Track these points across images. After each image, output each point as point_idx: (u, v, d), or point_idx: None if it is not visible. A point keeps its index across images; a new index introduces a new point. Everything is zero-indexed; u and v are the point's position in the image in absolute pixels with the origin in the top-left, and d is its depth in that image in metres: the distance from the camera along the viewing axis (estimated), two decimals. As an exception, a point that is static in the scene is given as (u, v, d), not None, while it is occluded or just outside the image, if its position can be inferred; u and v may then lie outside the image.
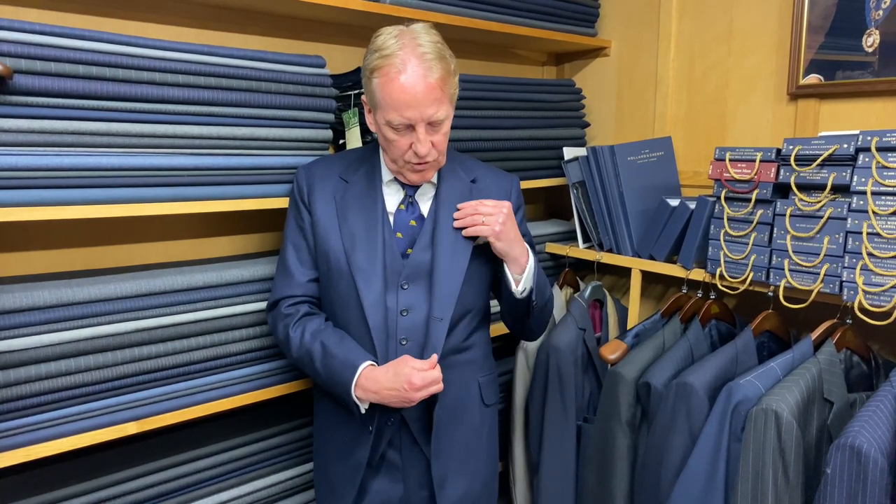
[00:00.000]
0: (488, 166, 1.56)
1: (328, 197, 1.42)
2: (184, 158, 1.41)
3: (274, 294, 1.46)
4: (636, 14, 2.23)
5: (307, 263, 1.44)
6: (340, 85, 1.73)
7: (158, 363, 1.41)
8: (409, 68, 1.27)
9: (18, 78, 1.20)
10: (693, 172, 2.07)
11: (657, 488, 1.51)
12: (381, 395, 1.29)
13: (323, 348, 1.35)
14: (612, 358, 1.68)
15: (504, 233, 1.38)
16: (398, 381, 1.27)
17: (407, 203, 1.42)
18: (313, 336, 1.37)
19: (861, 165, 1.39)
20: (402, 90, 1.26)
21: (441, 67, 1.29)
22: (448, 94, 1.33)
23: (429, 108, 1.28)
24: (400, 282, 1.38)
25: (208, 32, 1.69)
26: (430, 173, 1.41)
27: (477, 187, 1.47)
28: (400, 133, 1.31)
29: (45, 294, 1.27)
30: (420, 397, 1.28)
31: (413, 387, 1.26)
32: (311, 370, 1.39)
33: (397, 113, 1.28)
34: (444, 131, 1.34)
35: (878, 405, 1.25)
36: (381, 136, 1.36)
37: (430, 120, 1.30)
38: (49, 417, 1.30)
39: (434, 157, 1.35)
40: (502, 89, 2.01)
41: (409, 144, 1.32)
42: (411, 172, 1.37)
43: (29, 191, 1.23)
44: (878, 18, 1.66)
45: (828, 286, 1.44)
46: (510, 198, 1.50)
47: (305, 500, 1.73)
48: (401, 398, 1.28)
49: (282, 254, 1.47)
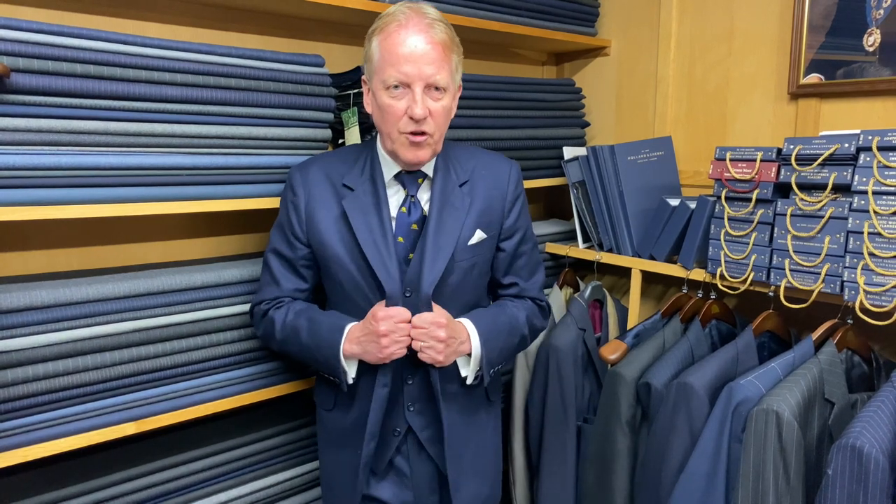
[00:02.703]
0: (487, 153, 1.48)
1: (331, 204, 1.36)
2: (182, 158, 1.40)
3: (256, 297, 1.44)
4: (636, 13, 2.22)
5: (293, 274, 1.41)
6: (339, 84, 1.73)
7: (157, 363, 1.40)
8: (411, 24, 1.23)
9: (16, 77, 1.20)
10: (693, 172, 2.06)
11: (657, 489, 1.50)
12: (360, 343, 1.29)
13: (309, 321, 1.35)
14: (612, 358, 1.67)
15: (448, 356, 1.31)
16: (367, 321, 1.28)
17: (409, 205, 1.37)
18: (297, 314, 1.36)
19: (862, 165, 1.39)
20: (402, 43, 1.22)
21: (445, 33, 1.25)
22: (450, 63, 1.27)
23: (428, 66, 1.23)
24: (404, 290, 1.34)
25: (207, 31, 1.69)
26: (426, 153, 1.31)
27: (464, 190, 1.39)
28: (396, 97, 1.25)
29: (42, 294, 1.27)
30: (385, 330, 1.25)
31: (375, 317, 1.26)
32: (296, 346, 1.37)
33: (394, 69, 1.22)
34: (443, 104, 1.28)
35: (879, 406, 1.24)
36: (377, 107, 1.30)
37: (429, 81, 1.24)
38: (47, 418, 1.29)
39: (431, 129, 1.28)
40: (502, 89, 2.01)
41: (404, 110, 1.25)
42: (406, 148, 1.29)
43: (27, 190, 1.23)
44: (878, 18, 1.65)
45: (829, 286, 1.44)
46: (507, 188, 1.43)
47: (305, 500, 1.73)
48: (370, 336, 1.27)
49: (265, 260, 1.44)
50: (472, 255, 1.38)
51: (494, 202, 1.42)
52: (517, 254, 1.48)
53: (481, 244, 1.40)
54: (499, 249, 1.46)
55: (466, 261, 1.38)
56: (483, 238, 1.40)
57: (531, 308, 1.49)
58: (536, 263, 1.53)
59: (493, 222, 1.42)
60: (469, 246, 1.38)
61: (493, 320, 1.40)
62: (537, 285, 1.53)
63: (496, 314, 1.42)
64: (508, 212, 1.44)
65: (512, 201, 1.44)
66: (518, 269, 1.49)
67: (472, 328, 1.36)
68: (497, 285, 1.51)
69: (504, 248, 1.46)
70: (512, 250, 1.47)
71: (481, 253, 1.41)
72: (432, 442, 1.39)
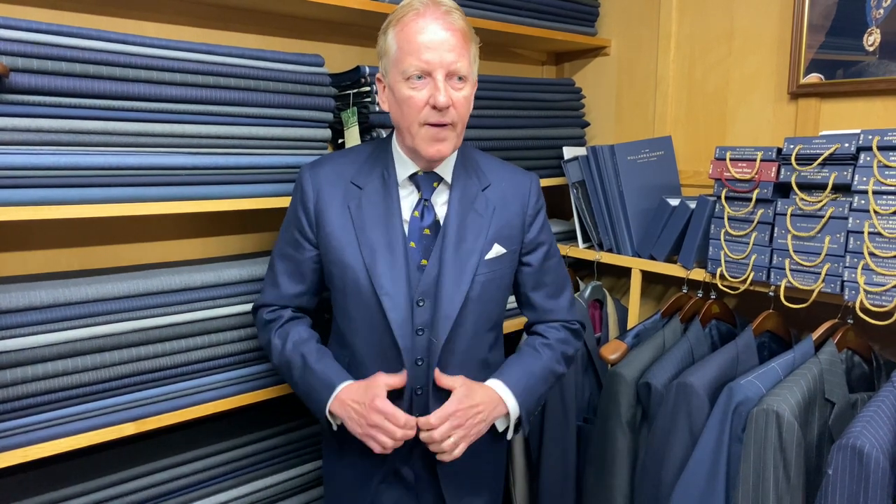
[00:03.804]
0: (507, 165, 1.43)
1: (340, 205, 1.30)
2: (181, 157, 1.40)
3: (260, 297, 1.42)
4: (636, 13, 2.22)
5: (296, 276, 1.36)
6: (339, 84, 1.73)
7: (157, 363, 1.40)
8: (429, 13, 1.19)
9: (15, 76, 1.19)
10: (693, 172, 2.06)
11: (657, 489, 1.50)
12: (346, 407, 1.23)
13: (303, 361, 1.30)
14: (612, 358, 1.67)
15: (481, 432, 1.27)
16: (365, 395, 1.21)
17: (422, 208, 1.31)
18: (294, 346, 1.32)
19: (862, 164, 1.38)
20: (421, 31, 1.18)
21: (464, 22, 1.23)
22: (469, 51, 1.23)
23: (449, 52, 1.18)
24: (416, 298, 1.28)
25: (206, 31, 1.68)
26: (447, 146, 1.25)
27: (486, 195, 1.34)
28: (416, 87, 1.20)
29: (42, 294, 1.26)
30: (374, 422, 1.19)
31: (373, 406, 1.19)
32: (289, 380, 1.35)
33: (414, 57, 1.18)
34: (465, 94, 1.23)
35: (879, 406, 1.24)
36: (395, 102, 1.24)
37: (450, 69, 1.19)
38: (46, 418, 1.29)
39: (454, 118, 1.22)
40: (502, 88, 2.00)
41: (426, 100, 1.20)
42: (428, 142, 1.23)
43: (26, 190, 1.23)
44: (878, 17, 1.65)
45: (829, 286, 1.44)
46: (528, 200, 1.38)
47: (305, 500, 1.72)
48: (359, 414, 1.21)
49: (271, 259, 1.41)
50: (488, 270, 1.32)
51: (514, 217, 1.36)
52: (544, 269, 1.42)
53: (500, 259, 1.34)
54: (523, 264, 1.40)
55: (483, 275, 1.31)
56: (502, 253, 1.34)
57: (563, 340, 1.42)
58: (564, 279, 1.47)
59: (514, 236, 1.36)
60: (486, 260, 1.32)
61: (527, 373, 1.34)
62: (567, 304, 1.45)
63: (530, 365, 1.36)
64: (530, 225, 1.39)
65: (533, 214, 1.39)
66: (546, 286, 1.43)
67: (504, 390, 1.30)
68: (525, 304, 1.45)
69: (530, 262, 1.40)
70: (538, 264, 1.41)
71: (498, 269, 1.34)
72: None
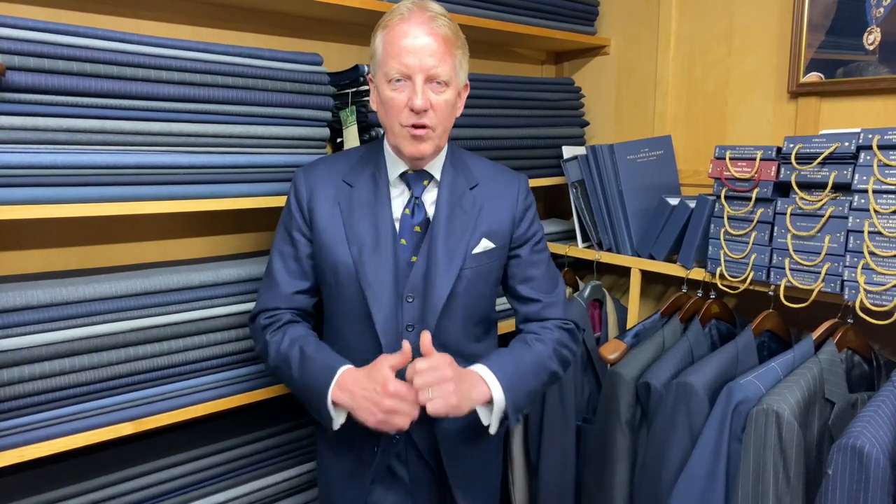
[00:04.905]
0: (496, 166, 1.46)
1: (331, 202, 1.34)
2: (179, 156, 1.40)
3: (257, 305, 1.39)
4: (636, 12, 2.22)
5: (295, 273, 1.36)
6: (338, 83, 1.72)
7: (154, 363, 1.40)
8: (414, 18, 1.24)
9: (11, 75, 1.19)
10: (693, 171, 2.06)
11: (657, 489, 1.50)
12: (355, 396, 1.20)
13: (301, 353, 1.29)
14: (611, 358, 1.67)
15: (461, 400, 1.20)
16: (372, 381, 1.19)
17: (412, 206, 1.34)
18: (292, 342, 1.31)
19: (862, 163, 1.38)
20: (403, 34, 1.23)
21: (448, 28, 1.26)
22: (453, 57, 1.27)
23: (429, 57, 1.23)
24: (405, 294, 1.31)
25: (204, 30, 1.68)
26: (427, 146, 1.28)
27: (474, 194, 1.37)
28: (397, 89, 1.24)
29: (39, 293, 1.26)
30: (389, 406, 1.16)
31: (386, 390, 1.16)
32: (287, 378, 1.32)
33: (396, 60, 1.23)
34: (445, 98, 1.27)
35: (879, 405, 1.24)
36: (380, 102, 1.29)
37: (430, 73, 1.23)
38: (43, 418, 1.28)
39: (432, 122, 1.26)
40: (501, 88, 2.00)
41: (405, 102, 1.24)
42: (407, 141, 1.27)
43: (23, 189, 1.22)
44: (878, 16, 1.65)
45: (829, 285, 1.43)
46: (516, 199, 1.41)
47: (305, 500, 1.72)
48: (372, 402, 1.18)
49: (269, 261, 1.40)
50: (476, 264, 1.34)
51: (503, 215, 1.38)
52: (532, 261, 1.43)
53: (488, 254, 1.36)
54: (512, 257, 1.42)
55: (470, 269, 1.34)
56: (490, 248, 1.36)
57: (558, 338, 1.40)
58: (555, 276, 1.47)
59: (503, 233, 1.38)
60: (473, 254, 1.34)
61: (515, 362, 1.31)
62: (560, 302, 1.44)
63: (519, 353, 1.34)
64: (519, 221, 1.41)
65: (523, 211, 1.41)
66: (534, 280, 1.43)
67: (488, 374, 1.26)
68: (516, 298, 1.45)
69: (518, 254, 1.42)
70: (526, 255, 1.42)
71: (486, 263, 1.36)
72: (431, 452, 1.37)
